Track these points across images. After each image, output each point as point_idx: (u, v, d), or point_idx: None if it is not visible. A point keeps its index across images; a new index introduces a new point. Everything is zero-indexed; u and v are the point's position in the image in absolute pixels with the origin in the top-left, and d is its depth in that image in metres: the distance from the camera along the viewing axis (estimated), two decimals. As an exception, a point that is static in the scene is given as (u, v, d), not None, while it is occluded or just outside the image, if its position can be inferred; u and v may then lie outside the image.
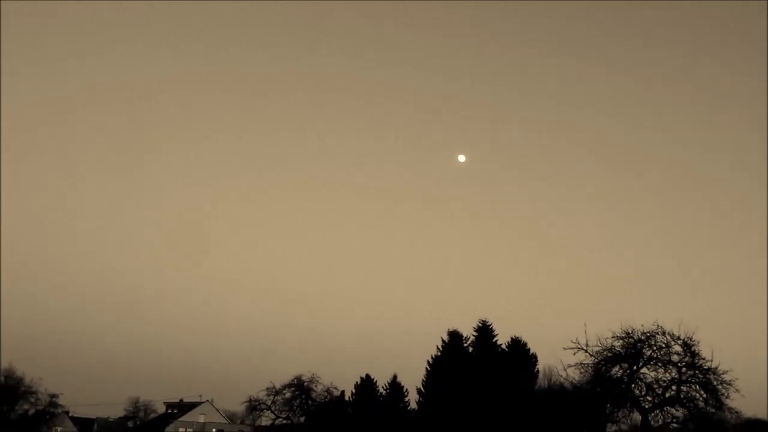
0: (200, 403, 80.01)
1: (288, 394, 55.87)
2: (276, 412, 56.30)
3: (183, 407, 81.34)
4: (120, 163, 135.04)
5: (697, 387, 32.32)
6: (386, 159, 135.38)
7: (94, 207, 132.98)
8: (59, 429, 75.20)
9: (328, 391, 56.36)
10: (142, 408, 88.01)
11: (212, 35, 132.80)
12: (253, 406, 56.88)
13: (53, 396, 67.49)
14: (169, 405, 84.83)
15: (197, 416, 78.33)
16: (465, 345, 51.72)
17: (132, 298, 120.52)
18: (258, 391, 56.61)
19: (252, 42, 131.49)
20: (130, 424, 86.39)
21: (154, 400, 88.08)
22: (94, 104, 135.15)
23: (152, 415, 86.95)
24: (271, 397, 55.97)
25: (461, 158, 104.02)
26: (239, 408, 69.53)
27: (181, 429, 75.87)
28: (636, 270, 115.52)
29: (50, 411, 68.79)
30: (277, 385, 55.93)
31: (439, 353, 52.63)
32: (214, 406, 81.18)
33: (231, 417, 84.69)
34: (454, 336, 52.37)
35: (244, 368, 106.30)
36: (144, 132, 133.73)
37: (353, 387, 59.57)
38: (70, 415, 78.21)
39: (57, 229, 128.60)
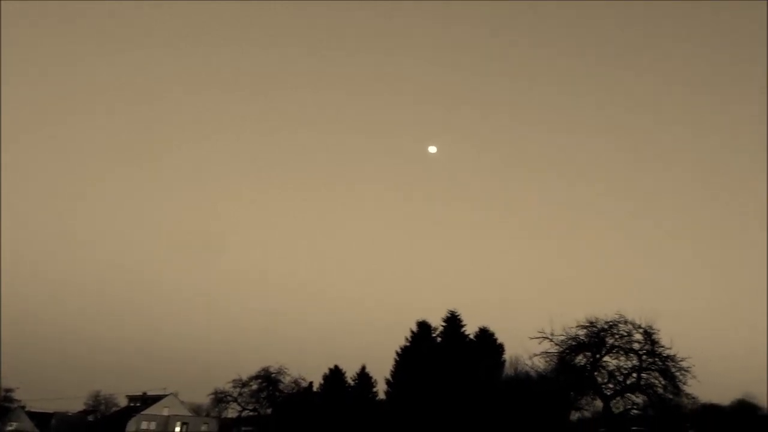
0: (164, 396, 78.52)
1: (255, 386, 55.59)
2: (243, 404, 56.06)
3: (146, 401, 79.77)
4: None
5: (657, 374, 33.46)
6: (356, 151, 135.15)
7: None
8: (15, 425, 72.85)
9: (296, 382, 56.29)
10: (103, 402, 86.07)
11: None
12: (219, 399, 56.50)
13: (8, 390, 65.69)
14: (131, 398, 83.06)
15: (161, 409, 76.91)
16: (434, 335, 52.17)
17: (96, 290, 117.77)
18: (224, 383, 56.31)
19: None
20: (90, 418, 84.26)
21: (116, 393, 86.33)
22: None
23: (114, 409, 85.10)
24: (238, 389, 55.65)
25: (432, 149, 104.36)
26: (205, 401, 68.81)
27: (144, 423, 74.35)
28: (604, 260, 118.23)
29: (5, 406, 66.84)
30: (244, 377, 55.72)
31: (407, 344, 52.98)
32: (178, 399, 79.79)
33: (196, 410, 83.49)
34: (423, 326, 52.79)
35: (212, 360, 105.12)
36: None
37: (322, 378, 59.63)
38: (26, 410, 75.85)
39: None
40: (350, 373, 58.46)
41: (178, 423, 76.14)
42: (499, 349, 50.55)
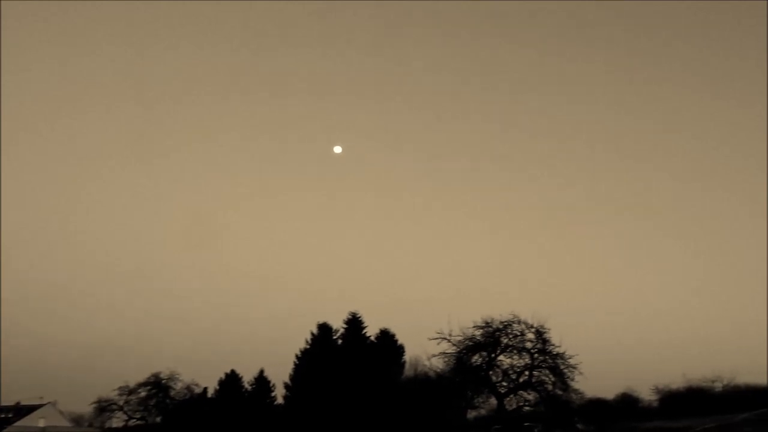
0: (41, 405, 72.18)
1: (143, 393, 52.58)
2: (129, 413, 52.92)
3: (20, 411, 72.84)
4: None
5: (547, 371, 34.76)
6: (259, 149, 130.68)
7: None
8: None
9: (188, 388, 53.69)
10: (-32, 414, 77.56)
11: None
12: (103, 408, 53.15)
13: None
14: (2, 409, 75.56)
15: (36, 420, 70.47)
16: (335, 338, 51.42)
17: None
18: (109, 390, 52.77)
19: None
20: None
21: (-17, 404, 78.10)
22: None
23: (-19, 422, 76.98)
24: (124, 397, 52.54)
25: (337, 149, 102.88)
26: (88, 410, 64.10)
27: (16, 435, 67.79)
28: (502, 259, 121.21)
29: None
30: (132, 384, 52.55)
31: (308, 346, 51.92)
32: (57, 409, 73.63)
33: (77, 420, 77.54)
34: (324, 329, 51.90)
35: (96, 368, 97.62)
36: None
37: (217, 383, 57.12)
38: None
39: None
40: (248, 377, 56.50)
41: (56, 434, 70.17)
42: (400, 350, 50.71)
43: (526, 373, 35.12)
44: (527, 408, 37.23)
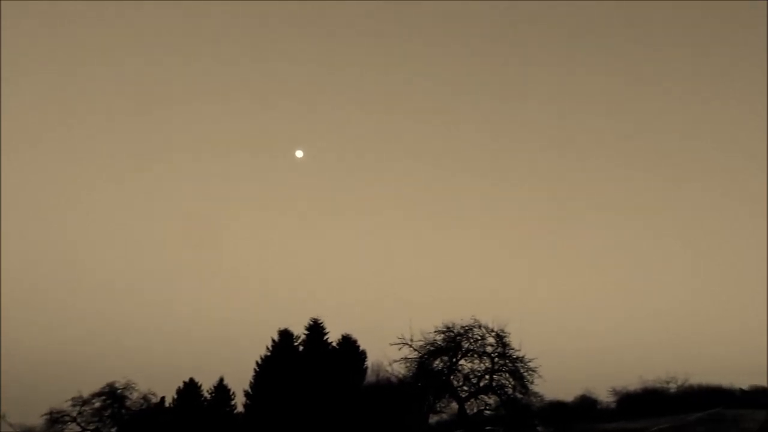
0: (-11, 418, 69.17)
1: (98, 404, 50.97)
2: (83, 425, 51.23)
3: (-34, 425, 69.74)
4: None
5: (507, 375, 35.16)
6: (219, 155, 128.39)
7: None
8: None
9: (145, 398, 52.20)
10: None
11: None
12: (55, 419, 51.21)
13: None
14: (-54, 423, 72.16)
15: (-16, 435, 67.61)
16: (296, 344, 50.88)
17: None
18: (62, 401, 50.98)
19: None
20: None
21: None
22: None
23: None
24: (78, 408, 50.80)
25: (299, 154, 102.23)
26: (39, 422, 61.83)
27: (-40, 451, 64.71)
28: (465, 263, 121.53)
29: None
30: (85, 395, 50.86)
31: (268, 353, 51.23)
32: (7, 422, 70.46)
33: (28, 433, 74.66)
34: (285, 335, 51.27)
35: (49, 377, 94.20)
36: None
37: (175, 392, 55.75)
38: None
39: None
40: (207, 386, 55.28)
41: (5, 449, 67.28)
42: (362, 355, 50.41)
43: (487, 377, 35.49)
44: (488, 412, 37.56)
